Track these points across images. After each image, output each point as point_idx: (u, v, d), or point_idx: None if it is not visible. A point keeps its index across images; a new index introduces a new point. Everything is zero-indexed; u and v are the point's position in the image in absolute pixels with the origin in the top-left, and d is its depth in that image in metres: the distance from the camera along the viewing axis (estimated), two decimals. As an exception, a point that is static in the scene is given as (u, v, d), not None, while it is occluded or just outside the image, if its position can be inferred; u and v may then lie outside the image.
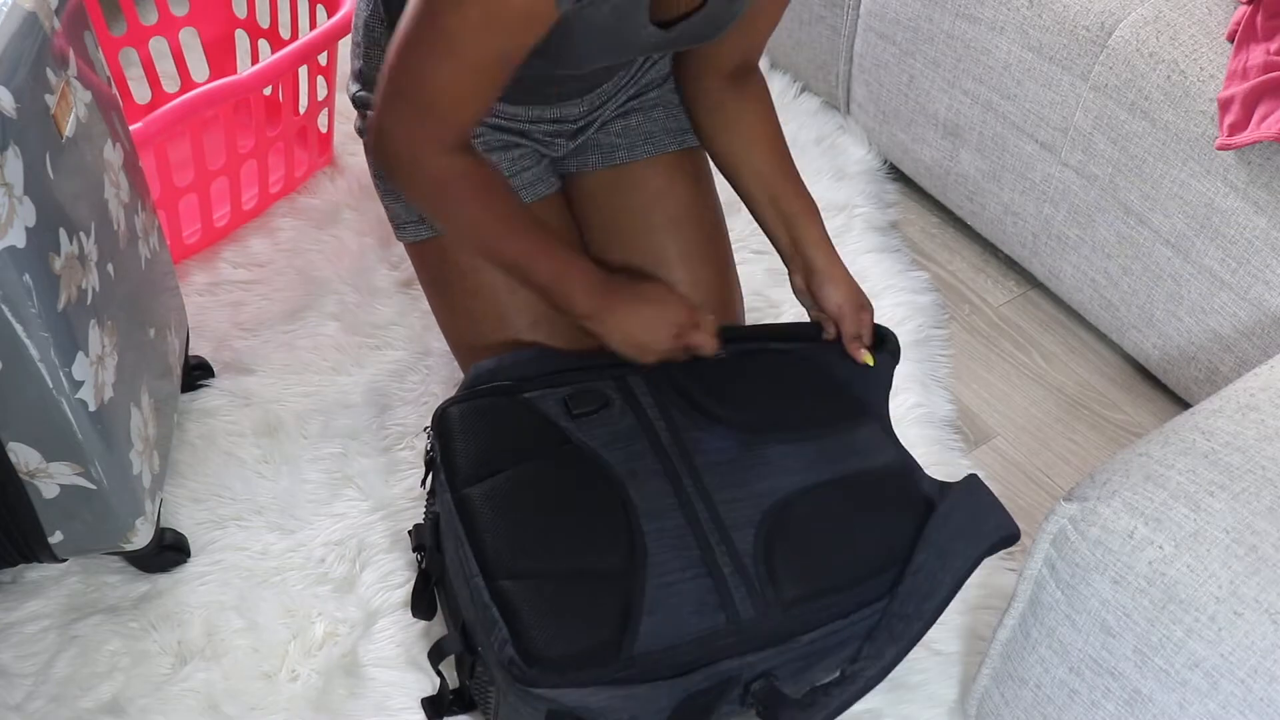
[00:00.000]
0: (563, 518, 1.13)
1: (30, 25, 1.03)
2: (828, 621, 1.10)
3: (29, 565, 1.30)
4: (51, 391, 1.06)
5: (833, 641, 1.12)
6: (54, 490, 1.14)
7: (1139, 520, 0.97)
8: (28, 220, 0.99)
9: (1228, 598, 0.92)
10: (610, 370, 1.25)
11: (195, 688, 1.23)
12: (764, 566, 1.10)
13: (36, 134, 1.02)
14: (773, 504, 1.15)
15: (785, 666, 1.11)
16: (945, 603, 1.09)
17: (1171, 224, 1.43)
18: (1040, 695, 1.09)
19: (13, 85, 0.98)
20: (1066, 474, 1.50)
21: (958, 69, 1.63)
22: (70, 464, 1.12)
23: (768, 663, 1.09)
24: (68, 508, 1.16)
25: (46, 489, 1.14)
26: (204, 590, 1.31)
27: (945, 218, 1.80)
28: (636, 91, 1.36)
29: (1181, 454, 1.00)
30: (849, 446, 1.22)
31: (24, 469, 1.12)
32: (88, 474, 1.14)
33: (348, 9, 1.64)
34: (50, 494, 1.15)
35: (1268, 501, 0.96)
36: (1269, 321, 1.37)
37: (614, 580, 1.08)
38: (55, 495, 1.15)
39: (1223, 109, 1.33)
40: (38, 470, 1.12)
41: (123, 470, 1.17)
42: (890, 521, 1.16)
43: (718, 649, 1.07)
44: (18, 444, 1.10)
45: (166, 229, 1.55)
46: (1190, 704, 0.96)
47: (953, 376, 1.60)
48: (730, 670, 1.07)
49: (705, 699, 1.08)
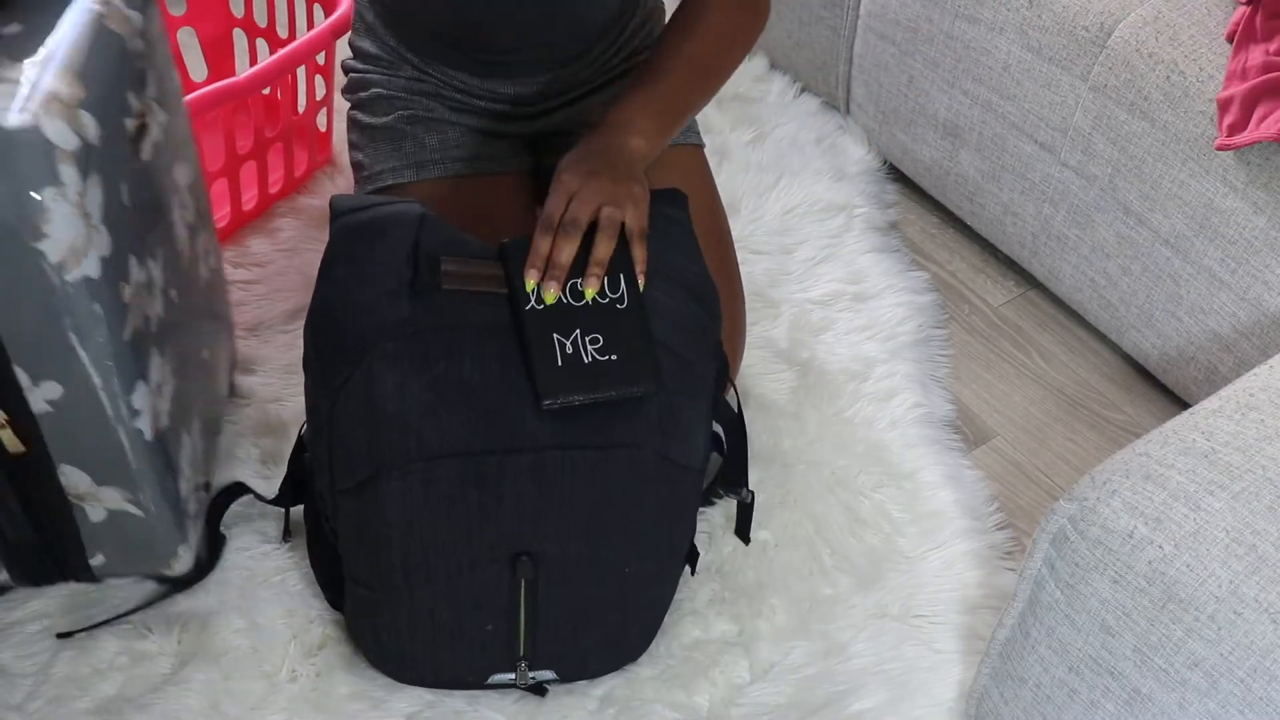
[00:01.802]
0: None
1: (116, 46, 1.02)
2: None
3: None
4: (110, 420, 1.05)
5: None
6: (101, 514, 1.13)
7: (1139, 520, 0.97)
8: (102, 249, 0.98)
9: (1227, 597, 0.92)
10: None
11: (195, 688, 1.23)
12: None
13: (116, 159, 1.00)
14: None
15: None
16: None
17: (1171, 224, 1.44)
18: (1040, 695, 1.09)
19: (98, 111, 0.97)
20: (1066, 474, 1.50)
21: (957, 69, 1.63)
22: (120, 490, 1.11)
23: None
24: (112, 532, 1.15)
25: (93, 512, 1.13)
26: (204, 590, 1.30)
27: (945, 218, 1.81)
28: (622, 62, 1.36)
29: (1181, 454, 1.00)
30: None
31: (73, 491, 1.10)
32: (137, 501, 1.12)
33: (345, 8, 1.64)
34: (97, 518, 1.13)
35: (1267, 501, 0.96)
36: (1268, 321, 1.37)
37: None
38: (102, 519, 1.13)
39: (1222, 109, 1.33)
40: (87, 494, 1.11)
41: (171, 498, 1.16)
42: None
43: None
44: (69, 467, 1.08)
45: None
46: (1190, 703, 0.96)
47: (952, 376, 1.60)
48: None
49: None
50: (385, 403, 1.02)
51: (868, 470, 1.44)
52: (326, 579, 1.25)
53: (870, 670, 1.27)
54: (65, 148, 0.94)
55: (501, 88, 1.34)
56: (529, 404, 1.03)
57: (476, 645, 1.15)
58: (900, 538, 1.38)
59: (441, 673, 1.20)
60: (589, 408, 1.04)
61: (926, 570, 1.35)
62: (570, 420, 1.04)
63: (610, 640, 1.22)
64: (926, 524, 1.40)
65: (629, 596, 1.18)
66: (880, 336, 1.60)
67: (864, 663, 1.27)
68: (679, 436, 1.08)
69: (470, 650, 1.16)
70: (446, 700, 1.22)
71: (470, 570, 1.09)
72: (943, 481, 1.44)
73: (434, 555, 1.07)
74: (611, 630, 1.20)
